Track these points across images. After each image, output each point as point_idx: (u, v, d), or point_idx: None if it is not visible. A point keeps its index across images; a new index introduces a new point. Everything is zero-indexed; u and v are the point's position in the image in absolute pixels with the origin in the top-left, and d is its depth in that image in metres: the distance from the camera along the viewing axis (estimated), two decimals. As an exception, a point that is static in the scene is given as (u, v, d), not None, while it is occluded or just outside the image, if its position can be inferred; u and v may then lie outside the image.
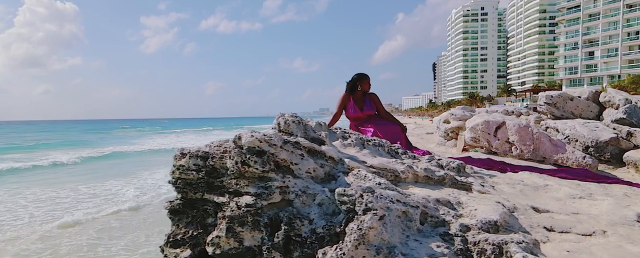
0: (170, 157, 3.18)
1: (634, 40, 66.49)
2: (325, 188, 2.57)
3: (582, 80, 72.34)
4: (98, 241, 10.17)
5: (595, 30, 71.24)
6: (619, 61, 67.70)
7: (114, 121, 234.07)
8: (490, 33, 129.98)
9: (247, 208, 2.46)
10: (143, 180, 19.65)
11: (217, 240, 2.46)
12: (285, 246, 2.40)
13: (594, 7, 71.12)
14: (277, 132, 2.90)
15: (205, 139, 49.62)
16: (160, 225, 12.08)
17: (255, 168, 2.50)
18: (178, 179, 2.71)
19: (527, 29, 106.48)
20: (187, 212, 2.72)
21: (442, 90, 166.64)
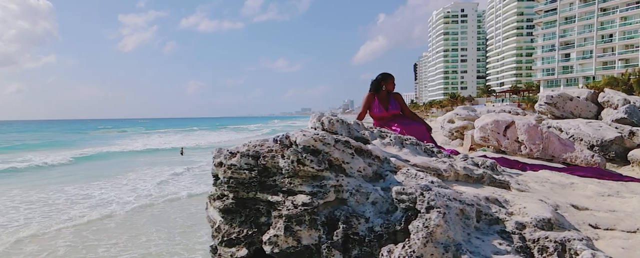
0: (157, 157, 3.16)
1: (607, 43, 68.73)
2: (377, 187, 2.61)
3: (559, 82, 74.38)
4: (97, 242, 9.96)
5: (571, 32, 73.34)
6: (594, 63, 69.89)
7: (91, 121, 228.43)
8: (470, 34, 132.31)
9: (303, 207, 2.47)
10: (133, 181, 19.30)
11: (275, 239, 2.46)
12: (344, 244, 2.43)
13: (569, 10, 73.20)
14: (322, 131, 2.91)
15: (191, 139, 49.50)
16: (157, 225, 11.90)
17: (311, 167, 2.52)
18: (230, 178, 2.71)
19: (505, 30, 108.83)
20: (239, 211, 2.72)
21: (423, 91, 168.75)
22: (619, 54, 66.91)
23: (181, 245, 10.23)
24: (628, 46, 66.08)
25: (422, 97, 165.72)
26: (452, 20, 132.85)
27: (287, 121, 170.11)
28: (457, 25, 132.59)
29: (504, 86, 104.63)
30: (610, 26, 68.32)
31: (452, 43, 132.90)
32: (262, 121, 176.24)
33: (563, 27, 74.14)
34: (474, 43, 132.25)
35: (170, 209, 14.04)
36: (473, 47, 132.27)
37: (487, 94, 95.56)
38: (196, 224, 12.39)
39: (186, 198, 15.69)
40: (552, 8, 75.77)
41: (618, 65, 65.52)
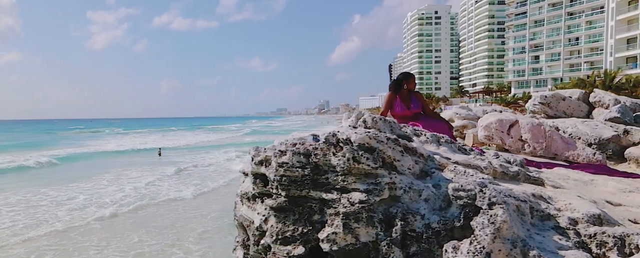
0: (134, 158, 3.06)
1: (574, 46, 71.52)
2: (428, 184, 2.65)
3: (529, 83, 76.89)
4: (88, 243, 9.65)
5: (540, 35, 75.92)
6: (562, 65, 72.61)
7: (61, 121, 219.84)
8: (444, 36, 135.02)
9: (360, 204, 2.49)
10: (114, 183, 18.78)
11: (334, 237, 2.47)
12: (402, 241, 2.46)
13: (539, 14, 75.77)
14: (372, 129, 2.93)
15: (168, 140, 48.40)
16: (146, 226, 11.63)
17: (367, 164, 2.54)
18: (282, 176, 2.69)
19: (477, 33, 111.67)
20: (292, 209, 2.70)
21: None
22: (585, 57, 69.75)
23: (176, 246, 10.04)
24: (593, 49, 68.98)
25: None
26: (426, 22, 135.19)
27: (264, 121, 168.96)
28: (431, 27, 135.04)
29: (476, 87, 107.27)
30: (576, 30, 71.12)
31: (426, 44, 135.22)
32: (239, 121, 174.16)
33: (533, 30, 76.64)
34: (447, 45, 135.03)
35: (158, 211, 13.74)
36: (446, 49, 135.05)
37: (461, 95, 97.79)
38: (186, 225, 12.18)
39: (173, 199, 15.39)
40: (523, 11, 78.23)
41: (584, 68, 68.29)
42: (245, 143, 46.23)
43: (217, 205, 15.18)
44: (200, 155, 31.86)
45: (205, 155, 32.26)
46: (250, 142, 48.22)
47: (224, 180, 19.52)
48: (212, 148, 39.67)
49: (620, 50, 52.74)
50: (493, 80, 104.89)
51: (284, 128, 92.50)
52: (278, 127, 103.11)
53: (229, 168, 24.21)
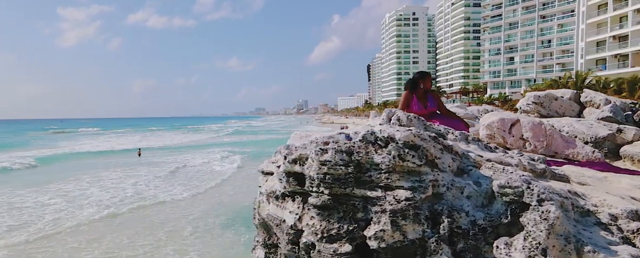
0: (113, 159, 3.00)
1: (546, 48, 73.84)
2: (469, 181, 2.69)
3: (504, 84, 78.91)
4: (77, 244, 9.37)
5: (514, 37, 78.02)
6: (535, 66, 74.82)
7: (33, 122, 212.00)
8: (421, 37, 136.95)
9: (406, 201, 2.51)
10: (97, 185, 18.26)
11: (381, 234, 2.48)
12: (449, 238, 2.49)
13: (513, 16, 77.88)
14: (400, 127, 2.95)
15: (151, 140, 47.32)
16: (136, 228, 11.36)
17: (412, 162, 2.56)
18: (326, 174, 2.68)
19: (454, 34, 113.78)
20: (336, 207, 2.70)
21: (377, 91, 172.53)
22: (557, 59, 72.10)
23: (169, 246, 9.86)
24: (564, 51, 71.37)
25: (375, 98, 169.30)
26: (404, 23, 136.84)
27: (244, 121, 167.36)
28: (409, 28, 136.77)
29: (453, 87, 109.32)
30: (549, 32, 73.46)
31: (404, 45, 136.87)
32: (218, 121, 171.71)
33: (508, 32, 78.68)
34: (424, 46, 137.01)
35: (146, 212, 13.45)
36: (424, 50, 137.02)
37: (438, 95, 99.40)
38: (177, 225, 11.97)
39: (162, 201, 15.10)
40: (498, 14, 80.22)
41: (556, 69, 70.61)
42: (229, 143, 45.76)
43: (206, 206, 14.98)
44: (183, 156, 31.33)
45: (189, 155, 31.74)
46: (233, 142, 47.78)
47: (214, 182, 19.28)
48: (195, 148, 39.08)
49: (591, 52, 54.65)
50: (469, 81, 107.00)
51: (265, 128, 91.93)
52: (259, 127, 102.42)
53: (215, 169, 23.91)
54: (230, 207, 15.32)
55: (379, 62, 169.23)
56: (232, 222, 13.32)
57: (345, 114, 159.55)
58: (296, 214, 3.14)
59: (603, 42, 52.20)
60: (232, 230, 12.28)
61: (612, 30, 49.48)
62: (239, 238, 11.48)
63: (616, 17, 49.31)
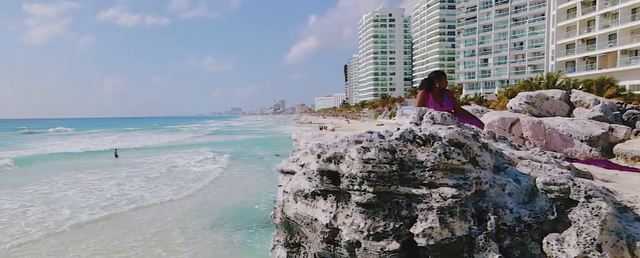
0: (89, 160, 2.92)
1: (519, 50, 76.10)
2: (510, 178, 2.76)
3: (479, 84, 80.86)
4: (63, 247, 9.04)
5: (488, 39, 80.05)
6: (508, 68, 76.99)
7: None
8: (398, 38, 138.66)
9: (453, 199, 2.55)
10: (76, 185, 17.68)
11: (430, 231, 2.51)
12: (496, 235, 2.54)
13: (487, 19, 79.90)
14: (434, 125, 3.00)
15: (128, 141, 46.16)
16: (123, 230, 11.07)
17: (458, 160, 2.60)
18: (370, 173, 2.69)
19: (430, 36, 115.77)
20: (381, 205, 2.70)
21: (354, 91, 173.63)
22: (529, 60, 74.41)
23: (160, 247, 9.66)
24: (536, 54, 73.71)
25: (352, 98, 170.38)
26: (381, 24, 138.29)
27: (222, 121, 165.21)
28: (386, 29, 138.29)
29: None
30: (521, 35, 75.74)
31: (381, 46, 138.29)
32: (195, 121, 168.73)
33: (482, 35, 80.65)
34: (401, 46, 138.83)
35: (133, 214, 13.13)
36: (400, 50, 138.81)
37: (415, 95, 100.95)
38: (165, 227, 11.74)
39: (143, 202, 14.76)
40: (472, 16, 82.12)
41: (527, 71, 72.87)
42: (209, 143, 45.12)
43: (191, 207, 14.76)
44: (164, 156, 30.70)
45: (169, 156, 31.13)
46: (213, 142, 47.14)
47: (197, 182, 19.00)
48: (175, 149, 38.36)
49: (561, 55, 56.64)
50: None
51: (244, 128, 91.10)
52: (238, 127, 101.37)
53: (198, 169, 23.53)
54: (216, 207, 15.14)
55: (356, 63, 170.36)
56: (220, 222, 13.17)
57: (322, 114, 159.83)
58: (330, 213, 3.13)
59: (572, 45, 54.13)
60: (221, 230, 12.14)
61: (580, 34, 51.39)
62: (230, 238, 11.37)
63: (584, 21, 51.23)
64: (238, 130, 78.69)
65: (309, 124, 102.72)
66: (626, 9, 44.92)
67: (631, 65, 44.64)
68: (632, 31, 44.64)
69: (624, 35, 45.14)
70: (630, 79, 44.25)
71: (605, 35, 47.58)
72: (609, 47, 47.26)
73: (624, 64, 45.34)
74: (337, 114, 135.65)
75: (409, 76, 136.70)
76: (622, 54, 45.84)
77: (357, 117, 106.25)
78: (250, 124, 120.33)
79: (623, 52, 45.82)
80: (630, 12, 45.06)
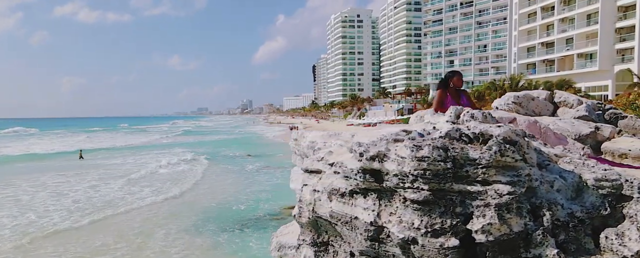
0: (53, 162, 2.83)
1: (482, 52, 78.90)
2: (556, 175, 2.86)
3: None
4: (43, 251, 8.58)
5: (454, 42, 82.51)
6: (473, 69, 79.62)
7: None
8: (366, 39, 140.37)
9: (509, 195, 2.61)
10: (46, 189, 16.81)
11: (489, 228, 2.56)
12: (552, 230, 2.63)
13: (453, 22, 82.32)
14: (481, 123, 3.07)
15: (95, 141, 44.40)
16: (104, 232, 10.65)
17: (512, 157, 2.67)
18: (426, 170, 2.72)
19: (397, 37, 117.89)
20: (437, 202, 2.74)
21: (322, 92, 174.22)
22: (492, 63, 77.27)
23: (147, 249, 9.37)
24: (498, 56, 76.65)
25: (321, 98, 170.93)
26: (349, 25, 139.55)
27: (190, 121, 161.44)
28: (354, 29, 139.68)
29: (396, 88, 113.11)
30: (484, 38, 78.55)
31: (349, 46, 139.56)
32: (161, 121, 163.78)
33: (448, 37, 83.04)
34: (369, 47, 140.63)
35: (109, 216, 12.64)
36: (368, 52, 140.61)
37: (384, 96, 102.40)
38: (147, 230, 11.40)
39: (121, 205, 14.25)
40: (438, 19, 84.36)
41: (491, 72, 75.67)
42: (181, 144, 44.05)
43: (169, 208, 14.40)
44: (135, 158, 29.72)
45: (141, 157, 30.15)
46: (186, 143, 46.06)
47: (174, 183, 18.50)
48: (145, 149, 37.20)
49: (522, 57, 59.15)
50: (411, 82, 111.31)
51: (215, 128, 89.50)
52: (209, 127, 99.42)
53: (173, 170, 22.92)
54: (196, 208, 14.84)
55: (325, 63, 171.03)
56: (203, 223, 12.93)
57: (291, 114, 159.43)
58: (372, 210, 3.15)
59: (533, 48, 56.61)
60: (206, 232, 11.92)
61: (540, 38, 53.77)
62: (217, 239, 11.19)
63: (544, 26, 53.64)
64: (208, 131, 77.24)
65: (278, 124, 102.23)
66: (581, 15, 47.43)
67: (586, 68, 47.17)
68: (587, 36, 47.16)
69: (580, 40, 47.66)
70: (586, 81, 46.73)
71: (563, 39, 50.02)
72: (567, 50, 49.71)
73: (580, 67, 47.85)
74: (306, 114, 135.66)
75: (377, 77, 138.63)
76: (578, 57, 48.36)
77: (327, 117, 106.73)
78: (220, 125, 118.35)
79: (579, 56, 48.36)
80: (586, 17, 47.59)
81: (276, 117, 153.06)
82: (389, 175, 3.00)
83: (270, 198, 17.26)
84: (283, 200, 16.25)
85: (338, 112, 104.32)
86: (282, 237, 6.59)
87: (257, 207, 15.77)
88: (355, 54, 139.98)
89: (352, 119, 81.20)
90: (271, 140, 48.78)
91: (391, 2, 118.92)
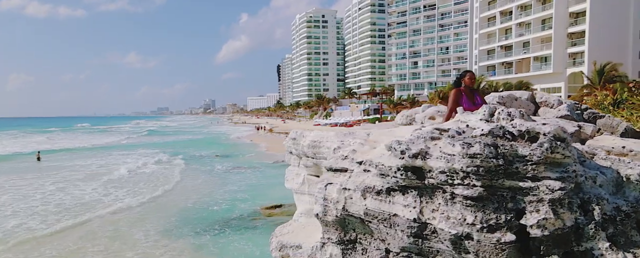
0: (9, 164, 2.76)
1: (445, 54, 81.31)
2: (597, 171, 2.98)
3: (410, 86, 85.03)
4: (23, 255, 8.02)
5: (418, 43, 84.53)
6: (435, 71, 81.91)
7: None
8: (331, 39, 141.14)
9: (560, 191, 2.69)
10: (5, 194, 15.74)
11: (544, 222, 2.63)
12: (601, 224, 2.74)
13: (416, 24, 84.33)
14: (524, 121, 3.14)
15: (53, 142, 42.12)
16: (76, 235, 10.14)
17: (562, 154, 2.75)
18: (479, 167, 2.75)
19: (361, 38, 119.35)
20: (490, 198, 2.78)
21: (287, 92, 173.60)
22: (454, 64, 79.81)
23: (131, 251, 8.97)
24: (460, 58, 79.29)
25: (286, 98, 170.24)
26: (314, 25, 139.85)
27: (154, 121, 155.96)
28: (319, 30, 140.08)
29: (361, 89, 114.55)
30: (446, 40, 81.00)
31: (314, 47, 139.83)
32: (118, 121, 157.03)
33: (412, 39, 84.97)
34: (334, 48, 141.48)
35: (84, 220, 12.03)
36: (333, 52, 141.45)
37: (350, 96, 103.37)
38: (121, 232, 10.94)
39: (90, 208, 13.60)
40: (403, 21, 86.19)
41: (453, 74, 78.11)
42: (147, 144, 42.56)
43: (149, 210, 13.90)
44: (100, 159, 28.37)
45: (107, 158, 28.82)
46: (152, 143, 44.59)
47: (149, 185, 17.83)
48: (109, 150, 35.62)
49: (483, 59, 61.47)
50: (376, 83, 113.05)
51: (180, 129, 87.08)
52: (173, 127, 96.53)
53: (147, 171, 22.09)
54: (172, 210, 14.43)
55: (290, 63, 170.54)
56: (182, 225, 12.60)
57: (256, 114, 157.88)
58: (413, 207, 3.17)
59: (493, 51, 58.94)
60: (188, 233, 11.60)
61: (500, 41, 56.06)
62: (200, 240, 10.93)
63: (503, 30, 55.93)
64: (173, 131, 75.04)
65: (243, 124, 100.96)
66: (537, 20, 49.85)
67: (542, 71, 49.62)
68: (542, 40, 49.62)
69: (536, 44, 50.10)
70: (541, 82, 49.17)
71: (520, 43, 52.36)
72: (524, 53, 52.07)
73: (536, 69, 50.26)
74: (271, 114, 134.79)
75: (342, 77, 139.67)
76: (534, 60, 50.80)
77: (293, 117, 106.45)
78: (184, 125, 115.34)
79: (535, 59, 50.80)
80: (541, 22, 50.07)
81: (241, 117, 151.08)
82: (433, 172, 3.02)
83: (247, 198, 17.03)
84: (260, 200, 16.09)
85: (304, 112, 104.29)
86: (283, 237, 6.52)
87: (235, 207, 15.53)
88: (321, 54, 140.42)
89: (318, 119, 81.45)
90: (238, 141, 48.11)
91: (356, 3, 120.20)
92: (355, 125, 54.90)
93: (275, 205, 14.84)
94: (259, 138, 47.71)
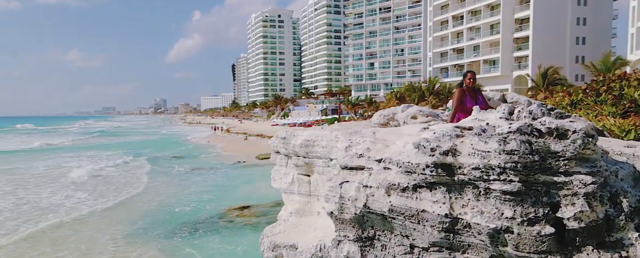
0: None
1: (400, 56, 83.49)
2: (618, 166, 3.15)
3: (366, 86, 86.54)
4: None
5: (374, 45, 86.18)
6: (391, 72, 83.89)
7: None
8: (287, 40, 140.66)
9: (592, 185, 2.82)
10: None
11: (580, 215, 2.74)
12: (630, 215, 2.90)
13: (372, 25, 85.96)
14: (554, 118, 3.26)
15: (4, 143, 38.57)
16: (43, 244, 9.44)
17: (593, 150, 2.89)
18: (516, 163, 2.83)
19: (317, 39, 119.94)
20: (527, 192, 2.86)
21: (243, 91, 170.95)
22: (409, 66, 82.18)
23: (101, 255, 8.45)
24: (414, 60, 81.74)
25: (242, 98, 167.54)
26: (270, 25, 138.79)
27: (101, 121, 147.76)
28: (275, 29, 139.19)
29: (317, 89, 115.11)
30: (402, 42, 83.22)
31: (270, 47, 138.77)
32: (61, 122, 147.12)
33: (368, 40, 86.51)
34: (290, 48, 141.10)
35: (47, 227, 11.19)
36: (289, 52, 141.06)
37: (307, 96, 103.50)
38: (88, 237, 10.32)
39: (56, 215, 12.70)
40: (359, 22, 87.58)
41: (407, 75, 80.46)
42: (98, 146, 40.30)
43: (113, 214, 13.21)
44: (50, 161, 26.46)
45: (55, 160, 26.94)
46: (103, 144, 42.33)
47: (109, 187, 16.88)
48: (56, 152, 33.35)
49: (436, 62, 63.76)
50: (332, 83, 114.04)
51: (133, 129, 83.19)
52: (125, 128, 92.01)
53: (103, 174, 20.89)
54: (137, 213, 13.80)
55: (245, 62, 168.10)
56: (150, 226, 12.10)
57: (211, 114, 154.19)
58: (443, 203, 3.21)
59: (446, 53, 61.31)
60: (159, 235, 11.15)
61: (452, 44, 58.40)
62: (172, 242, 10.54)
63: (455, 33, 58.32)
64: (125, 132, 71.55)
65: (198, 124, 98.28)
66: (486, 25, 52.45)
67: (491, 73, 52.24)
68: (491, 44, 52.28)
69: (485, 47, 52.68)
70: (490, 84, 51.71)
71: (471, 46, 54.82)
72: (474, 56, 54.58)
73: (486, 72, 52.83)
74: (227, 114, 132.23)
75: (298, 77, 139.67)
76: (484, 63, 53.39)
77: (249, 117, 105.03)
78: (135, 125, 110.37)
79: (485, 62, 53.39)
80: (490, 27, 52.76)
81: (195, 118, 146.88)
82: (464, 168, 3.08)
83: (213, 199, 16.62)
84: (226, 201, 15.77)
85: (261, 112, 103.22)
86: (275, 237, 6.40)
87: (202, 208, 15.11)
88: (277, 54, 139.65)
89: (276, 119, 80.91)
90: (193, 141, 46.76)
91: (312, 4, 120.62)
92: (313, 125, 55.08)
93: (244, 206, 14.61)
94: (216, 139, 46.62)
